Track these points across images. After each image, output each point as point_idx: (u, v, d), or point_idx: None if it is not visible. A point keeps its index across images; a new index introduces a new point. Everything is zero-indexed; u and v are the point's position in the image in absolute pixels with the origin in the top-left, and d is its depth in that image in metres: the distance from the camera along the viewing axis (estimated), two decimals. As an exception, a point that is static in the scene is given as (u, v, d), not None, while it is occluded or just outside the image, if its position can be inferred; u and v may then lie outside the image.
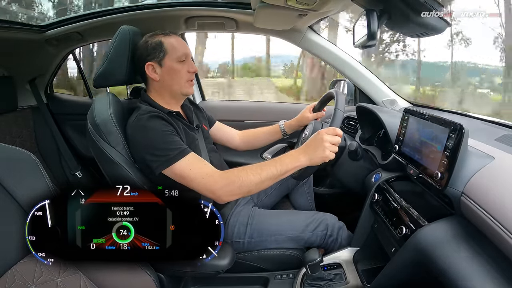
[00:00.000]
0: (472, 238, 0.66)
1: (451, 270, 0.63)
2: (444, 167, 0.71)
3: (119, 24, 1.12)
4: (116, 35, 1.07)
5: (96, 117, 0.97)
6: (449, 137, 0.72)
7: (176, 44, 1.04)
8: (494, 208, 0.59)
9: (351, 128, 1.49)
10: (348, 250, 1.07)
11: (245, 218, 1.09)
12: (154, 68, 1.03)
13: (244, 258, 1.09)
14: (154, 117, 0.95)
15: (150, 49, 1.02)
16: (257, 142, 1.37)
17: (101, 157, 0.97)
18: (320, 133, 0.90)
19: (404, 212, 0.84)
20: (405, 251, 0.77)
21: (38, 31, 1.56)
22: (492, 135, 0.88)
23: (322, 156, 0.89)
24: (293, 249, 1.10)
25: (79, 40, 1.65)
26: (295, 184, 1.36)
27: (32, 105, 1.79)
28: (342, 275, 1.01)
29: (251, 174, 0.90)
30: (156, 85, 1.05)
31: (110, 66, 1.06)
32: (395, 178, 1.00)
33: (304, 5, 1.04)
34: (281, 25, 1.41)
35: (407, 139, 0.92)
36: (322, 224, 1.09)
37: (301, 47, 1.56)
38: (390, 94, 1.53)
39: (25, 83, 1.74)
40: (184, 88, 1.06)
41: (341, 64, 1.53)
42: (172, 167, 0.91)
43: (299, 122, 1.30)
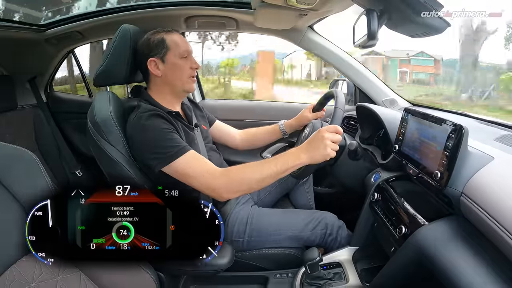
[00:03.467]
0: (471, 238, 0.66)
1: (451, 270, 0.63)
2: (444, 167, 0.71)
3: (119, 23, 1.12)
4: (116, 34, 1.07)
5: (96, 116, 0.97)
6: (449, 137, 0.72)
7: (178, 40, 1.04)
8: (494, 208, 0.59)
9: (351, 127, 1.48)
10: (347, 250, 1.07)
11: (244, 217, 1.10)
12: (156, 64, 1.03)
13: (243, 257, 1.09)
14: (154, 116, 0.95)
15: (152, 46, 1.03)
16: (257, 141, 1.37)
17: (101, 156, 0.97)
18: (321, 131, 0.90)
19: (403, 212, 0.84)
20: (404, 250, 0.77)
21: (38, 30, 1.56)
22: (492, 135, 0.88)
23: (323, 154, 0.88)
24: (292, 248, 1.10)
25: (79, 39, 1.64)
26: (295, 183, 1.36)
27: (32, 104, 1.78)
28: (342, 274, 1.01)
29: (251, 172, 0.90)
30: (158, 82, 1.06)
31: (110, 65, 1.06)
32: (394, 178, 1.01)
33: (305, 5, 1.04)
34: (281, 24, 1.41)
35: (407, 139, 0.92)
36: (321, 223, 1.10)
37: (301, 47, 1.56)
38: (390, 94, 1.53)
39: (25, 82, 1.74)
40: (186, 84, 1.06)
41: (341, 64, 1.52)
42: (172, 164, 0.91)
43: (299, 121, 1.30)
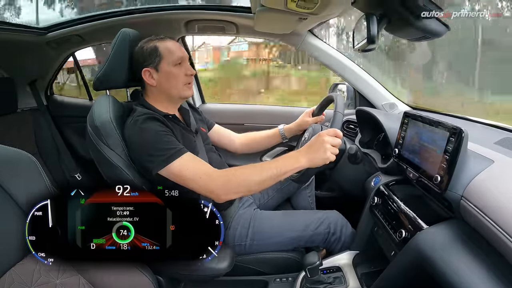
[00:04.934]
0: (471, 241, 0.66)
1: (451, 274, 0.62)
2: (444, 171, 0.71)
3: (119, 27, 1.12)
4: (116, 38, 1.07)
5: (95, 120, 0.97)
6: (448, 141, 0.72)
7: (171, 48, 1.03)
8: (494, 212, 0.59)
9: (350, 131, 1.49)
10: (347, 254, 1.07)
11: (247, 220, 1.09)
12: (151, 74, 1.03)
13: (243, 261, 1.09)
14: (149, 119, 0.95)
15: (146, 54, 1.02)
16: (256, 145, 1.37)
17: (100, 159, 0.96)
18: (321, 134, 0.90)
19: (403, 216, 0.84)
20: (404, 254, 0.77)
21: (38, 33, 1.57)
22: (492, 139, 0.88)
23: (323, 157, 0.88)
24: (292, 252, 1.10)
25: (79, 42, 1.65)
26: (297, 188, 1.35)
27: (32, 107, 1.79)
28: (342, 279, 1.01)
29: (250, 173, 0.90)
30: (154, 91, 1.05)
31: (110, 69, 1.06)
32: (394, 182, 1.00)
33: (304, 9, 1.04)
34: (281, 29, 1.42)
35: (406, 143, 0.92)
36: (324, 223, 1.09)
37: (301, 51, 1.57)
38: (390, 98, 1.53)
39: (25, 85, 1.75)
40: (182, 91, 1.06)
41: (341, 68, 1.53)
42: (169, 167, 0.90)
43: (299, 126, 1.30)
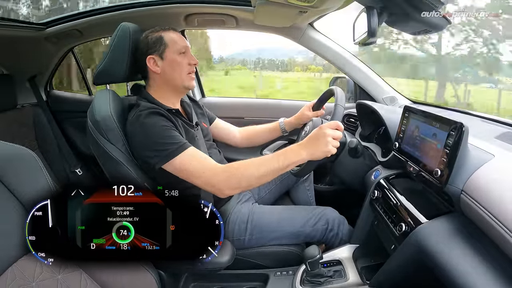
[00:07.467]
0: (471, 235, 0.66)
1: (451, 267, 0.63)
2: (444, 165, 0.71)
3: (119, 21, 1.11)
4: (116, 32, 1.07)
5: (96, 114, 0.97)
6: (449, 135, 0.71)
7: (175, 37, 1.05)
8: (494, 206, 0.59)
9: (351, 125, 1.48)
10: (347, 247, 1.07)
11: (245, 215, 1.10)
12: (155, 61, 1.04)
13: (244, 255, 1.10)
14: (153, 113, 0.95)
15: (151, 43, 1.03)
16: (257, 139, 1.37)
17: (101, 154, 0.97)
18: (322, 127, 0.90)
19: (403, 210, 0.84)
20: (404, 248, 0.77)
21: (37, 29, 1.55)
22: (492, 133, 0.88)
23: (324, 150, 0.88)
24: (293, 246, 1.11)
25: (79, 37, 1.64)
26: (296, 181, 1.36)
27: (32, 103, 1.78)
28: (342, 272, 1.01)
29: (252, 168, 0.90)
30: (158, 79, 1.06)
31: (110, 63, 1.06)
32: (395, 176, 1.00)
33: (305, 2, 1.04)
34: (281, 22, 1.41)
35: (407, 137, 0.92)
36: (322, 219, 1.10)
37: (301, 44, 1.56)
38: (390, 92, 1.52)
39: (24, 81, 1.74)
40: (186, 80, 1.06)
41: (341, 61, 1.52)
42: (173, 161, 0.91)
43: (299, 120, 1.30)
